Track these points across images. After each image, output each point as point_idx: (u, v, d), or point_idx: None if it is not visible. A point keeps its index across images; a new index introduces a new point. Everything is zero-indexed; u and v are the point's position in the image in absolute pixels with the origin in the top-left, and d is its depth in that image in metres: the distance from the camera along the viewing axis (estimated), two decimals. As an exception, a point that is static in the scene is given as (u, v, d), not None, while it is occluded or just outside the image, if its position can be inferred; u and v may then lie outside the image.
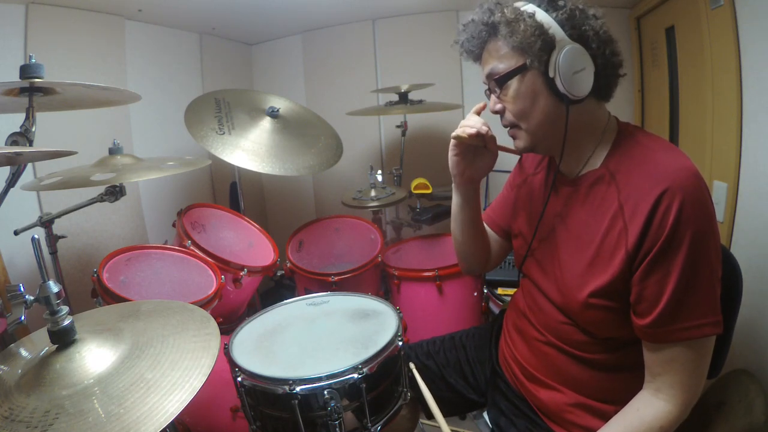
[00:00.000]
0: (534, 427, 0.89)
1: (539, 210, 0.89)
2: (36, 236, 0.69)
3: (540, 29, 0.71)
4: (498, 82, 0.76)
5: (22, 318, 0.70)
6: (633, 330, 0.73)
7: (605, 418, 0.78)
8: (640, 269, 0.69)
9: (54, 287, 0.68)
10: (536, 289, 0.90)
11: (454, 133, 0.85)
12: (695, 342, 0.68)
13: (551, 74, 0.71)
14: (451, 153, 0.89)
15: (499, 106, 0.80)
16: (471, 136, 0.83)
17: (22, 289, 0.70)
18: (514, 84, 0.75)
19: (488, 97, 0.83)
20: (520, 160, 1.06)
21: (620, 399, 0.77)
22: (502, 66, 0.75)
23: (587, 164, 0.81)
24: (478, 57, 0.82)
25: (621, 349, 0.79)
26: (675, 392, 0.70)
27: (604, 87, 0.76)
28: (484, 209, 2.27)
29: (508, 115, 0.79)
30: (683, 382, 0.69)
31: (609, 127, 0.80)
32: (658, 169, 0.69)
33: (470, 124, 0.84)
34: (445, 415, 1.25)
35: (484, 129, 0.84)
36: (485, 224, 1.08)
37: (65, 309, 0.69)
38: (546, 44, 0.71)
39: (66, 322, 0.68)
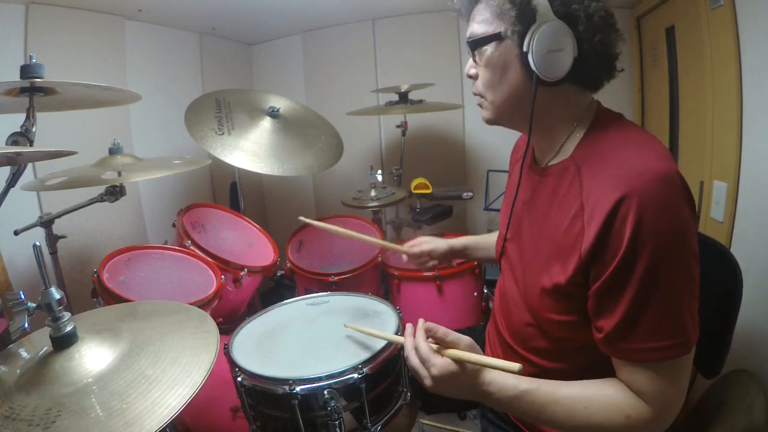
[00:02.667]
0: None
1: (511, 200, 0.87)
2: (38, 243, 0.69)
3: None
4: (471, 45, 0.74)
5: (26, 326, 0.70)
6: (587, 334, 0.69)
7: None
8: (597, 284, 0.63)
9: (56, 294, 0.68)
10: (505, 286, 0.88)
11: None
12: (659, 364, 0.62)
13: (525, 49, 0.67)
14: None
15: (473, 71, 0.77)
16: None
17: (22, 296, 0.69)
18: (488, 51, 0.73)
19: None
20: (514, 149, 1.05)
21: None
22: (480, 30, 0.73)
23: (559, 153, 0.76)
24: (466, 18, 0.79)
25: (578, 354, 0.74)
26: (647, 400, 0.64)
27: (588, 75, 0.71)
28: (485, 208, 2.26)
29: (479, 83, 0.77)
30: (656, 396, 0.63)
31: (585, 115, 0.74)
32: (620, 170, 0.63)
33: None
34: (443, 411, 1.24)
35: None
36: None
37: (68, 315, 0.69)
38: (524, 15, 0.66)
39: (68, 328, 0.69)
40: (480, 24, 0.73)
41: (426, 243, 1.14)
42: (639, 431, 0.65)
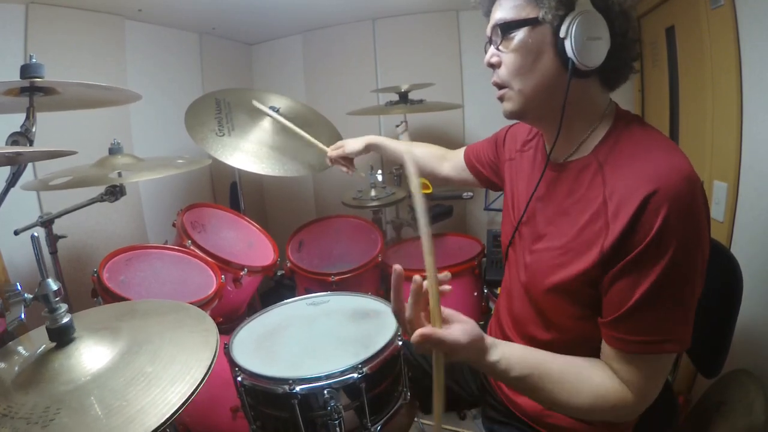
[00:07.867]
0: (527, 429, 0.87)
1: (524, 192, 0.86)
2: (35, 234, 0.69)
3: None
4: (502, 28, 0.70)
5: (22, 316, 0.70)
6: (590, 326, 0.71)
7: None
8: (612, 271, 0.65)
9: (53, 285, 0.68)
10: (510, 281, 0.89)
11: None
12: (652, 357, 0.65)
13: (562, 35, 0.66)
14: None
15: (495, 59, 0.74)
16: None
17: (19, 287, 0.69)
18: (519, 35, 0.69)
19: (486, 51, 0.78)
20: (510, 129, 1.03)
21: None
22: (511, 14, 0.70)
23: (578, 150, 0.76)
24: (491, 7, 0.76)
25: (580, 347, 0.75)
26: (632, 389, 0.67)
27: (612, 72, 0.71)
28: (485, 208, 2.25)
29: (503, 71, 0.72)
30: (641, 388, 0.67)
31: (606, 114, 0.74)
32: (649, 167, 0.64)
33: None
34: (444, 409, 1.24)
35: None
36: (464, 157, 1.23)
37: (64, 306, 0.69)
38: (564, 2, 0.66)
39: (65, 320, 0.68)
40: (512, 9, 0.70)
41: (343, 147, 1.28)
42: (619, 414, 0.69)
